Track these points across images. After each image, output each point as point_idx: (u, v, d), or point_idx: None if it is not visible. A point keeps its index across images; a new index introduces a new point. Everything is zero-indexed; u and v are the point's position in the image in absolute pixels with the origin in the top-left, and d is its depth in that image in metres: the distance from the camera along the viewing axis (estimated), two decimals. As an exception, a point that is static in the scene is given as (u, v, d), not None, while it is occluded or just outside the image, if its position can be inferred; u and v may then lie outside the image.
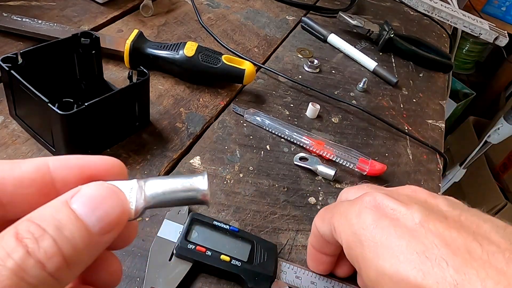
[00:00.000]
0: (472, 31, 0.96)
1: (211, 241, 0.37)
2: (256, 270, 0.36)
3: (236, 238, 0.38)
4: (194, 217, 0.38)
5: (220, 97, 0.57)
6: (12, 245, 0.16)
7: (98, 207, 0.19)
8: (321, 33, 0.76)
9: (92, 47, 0.47)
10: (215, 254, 0.36)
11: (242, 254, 0.37)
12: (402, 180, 0.53)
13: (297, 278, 0.38)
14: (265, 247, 0.39)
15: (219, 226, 0.39)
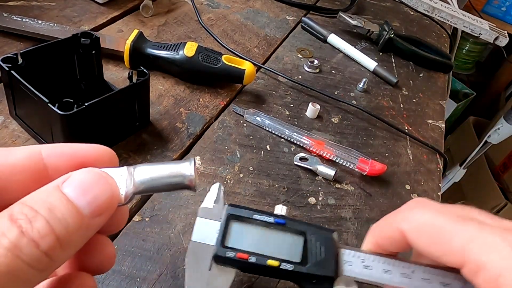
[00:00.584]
0: (472, 31, 0.96)
1: (254, 242, 0.31)
2: (312, 272, 0.30)
3: (284, 232, 0.32)
4: (230, 213, 0.32)
5: (220, 97, 0.57)
6: (6, 226, 0.17)
7: (88, 191, 0.20)
8: (321, 33, 0.76)
9: (92, 47, 0.47)
10: (260, 259, 0.30)
11: (294, 253, 0.31)
12: (403, 180, 0.53)
13: (366, 268, 0.30)
14: (320, 237, 0.32)
15: (262, 220, 0.32)
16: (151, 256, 0.38)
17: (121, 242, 0.38)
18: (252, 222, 0.32)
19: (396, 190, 0.52)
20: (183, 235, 0.40)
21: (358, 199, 0.49)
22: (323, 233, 0.32)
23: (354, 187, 0.50)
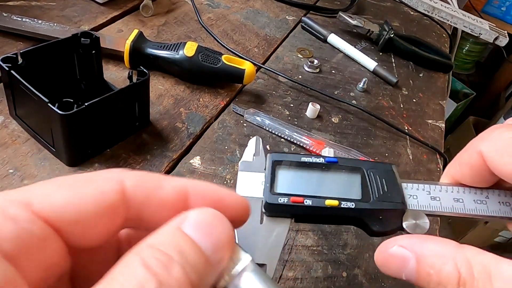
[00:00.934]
0: (472, 31, 0.96)
1: (306, 185, 0.28)
2: (378, 206, 0.27)
3: (337, 171, 0.29)
4: (274, 159, 0.29)
5: (220, 97, 0.57)
6: (142, 275, 0.16)
7: (210, 232, 0.18)
8: (321, 33, 0.76)
9: (92, 47, 0.47)
10: (317, 201, 0.27)
11: (353, 191, 0.28)
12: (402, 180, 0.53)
13: (433, 199, 0.28)
14: (379, 171, 0.29)
15: (311, 162, 0.29)
16: (151, 256, 0.37)
17: (121, 242, 0.38)
18: (300, 165, 0.29)
19: (396, 190, 0.52)
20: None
21: (358, 199, 0.49)
22: (381, 167, 0.29)
23: (354, 187, 0.50)
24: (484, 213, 0.27)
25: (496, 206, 0.27)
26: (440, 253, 0.22)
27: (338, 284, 0.40)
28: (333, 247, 0.43)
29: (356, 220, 0.28)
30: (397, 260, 0.24)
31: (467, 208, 0.27)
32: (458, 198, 0.28)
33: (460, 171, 0.28)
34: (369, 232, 0.27)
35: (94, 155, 0.44)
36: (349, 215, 0.27)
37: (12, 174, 0.41)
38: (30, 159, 0.42)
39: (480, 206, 0.27)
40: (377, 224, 0.27)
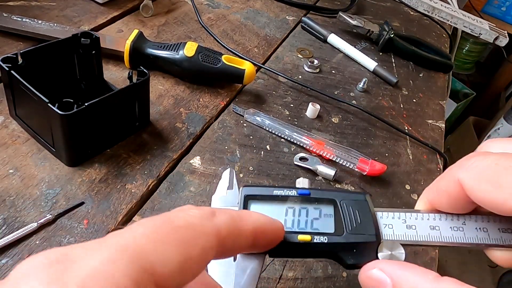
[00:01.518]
0: (472, 31, 0.96)
1: (279, 219, 0.27)
2: (351, 240, 0.27)
3: (310, 203, 0.29)
4: (246, 193, 0.29)
5: (220, 97, 0.57)
6: None
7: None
8: (321, 33, 0.76)
9: (92, 47, 0.47)
10: (290, 236, 0.27)
11: (326, 224, 0.28)
12: (402, 180, 0.53)
13: (409, 228, 0.27)
14: (352, 202, 0.28)
15: (283, 195, 0.29)
16: (151, 256, 0.37)
17: (121, 242, 0.38)
18: (272, 199, 0.29)
19: (396, 190, 0.52)
20: (183, 235, 0.40)
21: (358, 199, 0.49)
22: (355, 197, 0.29)
23: (354, 187, 0.50)
24: (461, 241, 0.27)
25: (473, 232, 0.26)
26: (416, 284, 0.22)
27: (338, 284, 0.40)
28: (333, 247, 0.43)
29: (330, 253, 0.27)
30: (374, 283, 0.24)
31: (444, 236, 0.27)
32: (435, 226, 0.27)
33: (438, 198, 0.27)
34: (344, 265, 0.27)
35: (94, 155, 0.44)
36: (323, 250, 0.27)
37: (12, 174, 0.41)
38: (30, 159, 0.42)
39: (456, 234, 0.27)
40: (352, 258, 0.27)
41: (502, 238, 0.26)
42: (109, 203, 0.41)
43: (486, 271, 1.78)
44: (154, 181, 0.44)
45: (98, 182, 0.42)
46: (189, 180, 0.45)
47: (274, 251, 0.27)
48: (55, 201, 0.39)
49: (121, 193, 0.42)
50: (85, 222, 0.39)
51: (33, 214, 0.38)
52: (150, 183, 0.44)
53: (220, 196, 0.30)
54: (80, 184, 0.41)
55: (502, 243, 0.26)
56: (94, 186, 0.42)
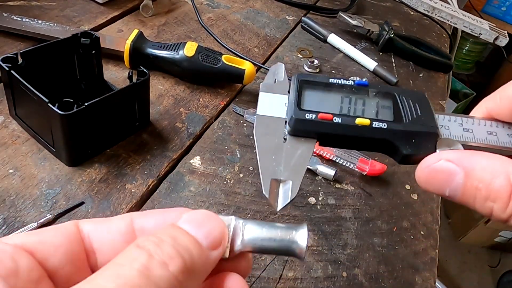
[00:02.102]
0: (472, 31, 0.96)
1: (335, 105, 0.27)
2: (411, 128, 0.26)
3: (367, 94, 0.27)
4: (301, 78, 0.28)
5: (220, 97, 0.57)
6: (135, 252, 0.18)
7: (202, 225, 0.20)
8: (321, 33, 0.76)
9: (92, 47, 0.47)
10: (347, 119, 0.26)
11: (385, 113, 0.27)
12: (403, 179, 0.53)
13: (466, 131, 0.27)
14: (412, 96, 0.27)
15: (339, 83, 0.28)
16: (151, 256, 0.37)
17: (121, 242, 0.38)
18: (328, 86, 0.27)
19: (396, 190, 0.52)
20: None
21: (358, 199, 0.49)
22: (414, 93, 0.28)
23: (354, 187, 0.50)
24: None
25: None
26: (491, 167, 0.21)
27: (338, 284, 0.40)
28: (333, 247, 0.43)
29: (386, 143, 0.26)
30: (442, 175, 0.23)
31: (501, 141, 0.26)
32: (492, 131, 0.27)
33: (500, 106, 0.26)
34: (399, 157, 0.26)
35: (94, 155, 0.44)
36: (380, 137, 0.26)
37: (12, 174, 0.41)
38: (30, 159, 0.42)
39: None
40: (409, 147, 0.25)
41: None
42: (109, 203, 0.41)
43: (486, 271, 1.78)
44: (154, 181, 0.44)
45: (98, 182, 0.42)
46: (189, 180, 0.45)
47: (326, 136, 0.26)
48: (55, 201, 0.39)
49: (121, 193, 0.42)
50: (85, 222, 0.39)
51: (33, 214, 0.38)
52: (150, 183, 0.44)
53: (267, 83, 0.29)
54: (80, 184, 0.41)
55: None
56: (94, 186, 0.42)
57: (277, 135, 0.26)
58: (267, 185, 0.25)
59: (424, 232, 0.48)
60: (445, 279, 1.65)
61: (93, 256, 0.21)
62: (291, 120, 0.26)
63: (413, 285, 0.42)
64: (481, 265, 1.79)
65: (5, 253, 0.18)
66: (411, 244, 0.46)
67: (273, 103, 0.28)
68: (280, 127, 0.27)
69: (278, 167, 0.25)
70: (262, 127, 0.27)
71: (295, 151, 0.26)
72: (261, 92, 0.28)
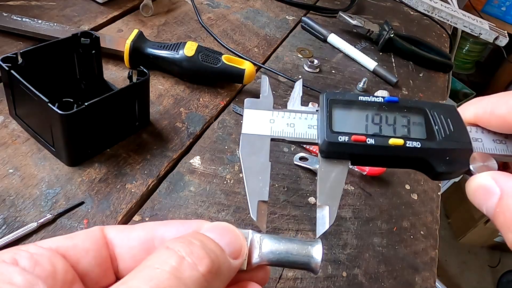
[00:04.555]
0: (472, 31, 0.96)
1: (366, 124, 0.27)
2: (445, 146, 0.26)
3: (398, 111, 0.27)
4: (330, 97, 0.27)
5: (220, 97, 0.57)
6: (166, 254, 0.19)
7: (224, 234, 0.22)
8: (321, 33, 0.76)
9: (92, 47, 0.47)
10: (380, 140, 0.26)
11: (417, 131, 0.26)
12: (402, 179, 0.53)
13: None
14: (443, 110, 0.27)
15: (369, 101, 0.27)
16: (151, 256, 0.37)
17: (121, 242, 0.38)
18: (358, 105, 0.27)
19: (396, 190, 0.52)
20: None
21: (358, 199, 0.49)
22: (445, 106, 0.27)
23: (354, 187, 0.50)
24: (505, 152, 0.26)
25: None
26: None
27: (338, 284, 0.40)
28: (333, 247, 0.43)
29: (420, 161, 0.26)
30: (483, 191, 0.23)
31: (486, 148, 0.26)
32: (477, 138, 0.26)
33: (490, 119, 0.26)
34: (433, 175, 0.26)
35: (94, 155, 0.44)
36: (414, 156, 0.25)
37: (12, 174, 0.41)
38: (30, 159, 0.42)
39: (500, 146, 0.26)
40: (443, 165, 0.25)
41: None
42: (109, 203, 0.41)
43: (486, 271, 1.78)
44: (154, 180, 0.44)
45: (98, 181, 0.42)
46: (189, 180, 0.45)
47: (360, 157, 0.26)
48: (55, 200, 0.39)
49: (121, 192, 0.42)
50: (85, 221, 0.39)
51: (33, 214, 0.38)
52: (150, 183, 0.44)
53: (252, 99, 0.29)
54: (80, 184, 0.41)
55: None
56: (94, 186, 0.42)
57: (263, 154, 0.26)
58: (254, 207, 0.24)
59: (424, 232, 0.48)
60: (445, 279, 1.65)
61: (115, 261, 0.22)
62: (324, 143, 0.26)
63: (413, 285, 0.42)
64: (481, 265, 1.79)
65: (43, 257, 0.19)
66: (411, 244, 0.46)
67: (258, 120, 0.28)
68: (266, 145, 0.27)
69: (264, 188, 0.25)
70: (248, 146, 0.27)
71: (329, 174, 0.26)
72: (246, 109, 0.28)
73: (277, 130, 0.28)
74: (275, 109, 0.28)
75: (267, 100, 0.29)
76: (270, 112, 0.28)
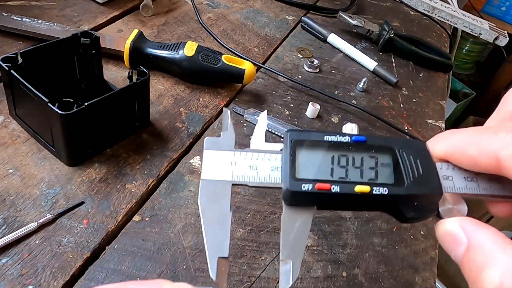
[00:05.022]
0: (472, 31, 0.96)
1: (332, 168, 0.25)
2: (414, 191, 0.24)
3: (365, 151, 0.26)
4: (293, 138, 0.26)
5: (220, 97, 0.57)
6: None
7: None
8: (321, 33, 0.76)
9: (92, 47, 0.47)
10: (346, 187, 0.24)
11: (385, 174, 0.25)
12: (402, 180, 0.53)
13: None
14: (412, 150, 0.26)
15: (335, 141, 0.26)
16: (151, 256, 0.38)
17: (120, 242, 0.38)
18: (324, 145, 0.26)
19: (396, 190, 0.52)
20: (183, 235, 0.40)
21: (358, 199, 0.49)
22: (415, 145, 0.26)
23: (354, 187, 0.50)
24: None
25: (487, 183, 0.26)
26: (489, 252, 0.21)
27: (338, 284, 0.40)
28: (333, 247, 0.43)
29: (388, 206, 0.25)
30: (450, 239, 0.23)
31: (457, 187, 0.26)
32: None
33: (459, 158, 0.26)
34: (402, 219, 0.25)
35: (94, 155, 0.44)
36: (381, 203, 0.25)
37: (12, 174, 0.41)
38: (30, 159, 0.42)
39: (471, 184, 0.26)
40: (412, 211, 0.24)
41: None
42: (109, 203, 0.41)
43: (486, 271, 1.78)
44: (154, 180, 0.44)
45: (98, 182, 0.42)
46: (189, 180, 0.45)
47: (325, 203, 0.25)
48: (55, 200, 0.39)
49: (121, 192, 0.42)
50: (85, 222, 0.39)
51: (33, 214, 0.38)
52: (150, 183, 0.44)
53: (211, 138, 0.27)
54: (80, 184, 0.41)
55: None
56: (94, 186, 0.42)
57: (224, 203, 0.25)
58: (214, 265, 0.23)
59: (424, 232, 0.48)
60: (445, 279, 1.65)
61: None
62: (287, 193, 0.25)
63: (413, 285, 0.42)
64: (481, 265, 1.78)
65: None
66: (411, 244, 0.46)
67: (218, 163, 0.26)
68: (227, 192, 0.25)
69: (224, 243, 0.24)
70: (208, 195, 0.25)
71: (293, 224, 0.25)
72: (205, 150, 0.26)
73: (238, 174, 0.26)
74: (237, 149, 0.27)
75: (228, 138, 0.27)
76: (232, 153, 0.26)
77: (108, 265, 0.36)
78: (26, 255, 0.35)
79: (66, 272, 0.35)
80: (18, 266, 0.34)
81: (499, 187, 0.25)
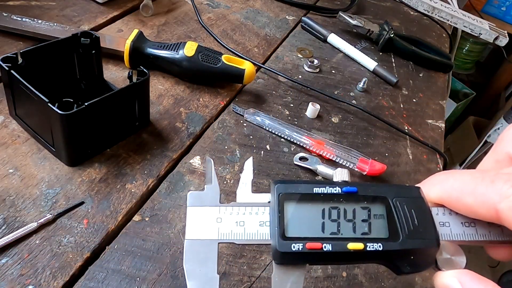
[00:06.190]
0: (472, 31, 0.96)
1: (323, 223, 0.24)
2: (409, 246, 0.23)
3: (357, 202, 0.24)
4: (280, 192, 0.24)
5: (220, 97, 0.57)
6: None
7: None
8: (321, 33, 0.76)
9: (92, 47, 0.47)
10: (338, 245, 0.23)
11: (378, 228, 0.24)
12: (402, 179, 0.53)
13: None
14: (407, 199, 0.24)
15: (325, 193, 0.24)
16: (151, 256, 0.38)
17: (120, 241, 0.38)
18: (313, 198, 0.24)
19: (396, 190, 0.52)
20: (183, 235, 0.40)
21: (358, 199, 0.49)
22: (408, 192, 0.25)
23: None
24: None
25: (485, 229, 0.25)
26: None
27: (338, 284, 0.40)
28: (333, 247, 0.43)
29: (383, 261, 0.24)
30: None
31: (454, 233, 0.25)
32: (444, 222, 0.25)
33: (455, 205, 0.25)
34: (398, 272, 0.24)
35: (94, 155, 0.44)
36: (376, 257, 0.24)
37: (12, 174, 0.41)
38: (30, 159, 0.42)
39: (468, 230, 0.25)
40: (408, 266, 0.23)
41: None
42: (109, 203, 0.41)
43: (486, 271, 1.78)
44: (154, 180, 0.44)
45: (98, 182, 0.42)
46: (189, 180, 0.45)
47: (317, 260, 0.24)
48: (55, 200, 0.39)
49: (121, 192, 0.42)
50: (85, 221, 0.39)
51: (33, 214, 0.38)
52: (150, 183, 0.44)
53: (195, 192, 0.26)
54: (80, 184, 0.41)
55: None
56: (94, 186, 0.42)
57: (210, 265, 0.24)
58: None
59: (424, 232, 0.48)
60: (445, 279, 1.64)
61: None
62: (276, 253, 0.23)
63: (413, 285, 0.42)
64: (481, 265, 1.78)
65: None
66: (411, 244, 0.46)
67: (203, 221, 0.25)
68: (213, 252, 0.24)
69: None
70: (193, 256, 0.24)
71: (284, 284, 0.24)
72: (189, 207, 0.25)
73: (225, 232, 0.24)
74: (222, 204, 0.25)
75: (212, 192, 0.26)
76: (217, 209, 0.25)
77: (108, 265, 0.36)
78: (26, 255, 0.35)
79: (66, 272, 0.35)
80: (18, 266, 0.34)
81: (498, 232, 0.25)
